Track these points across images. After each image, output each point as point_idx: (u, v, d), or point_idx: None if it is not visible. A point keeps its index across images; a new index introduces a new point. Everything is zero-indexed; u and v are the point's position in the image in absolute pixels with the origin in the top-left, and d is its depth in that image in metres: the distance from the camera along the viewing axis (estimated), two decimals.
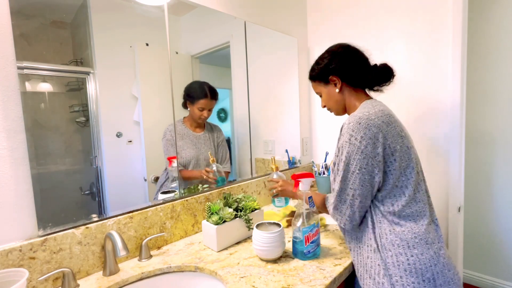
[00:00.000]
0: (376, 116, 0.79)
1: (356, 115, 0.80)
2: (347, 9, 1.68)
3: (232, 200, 1.14)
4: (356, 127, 0.78)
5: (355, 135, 0.78)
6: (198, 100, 1.15)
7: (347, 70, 0.90)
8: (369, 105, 0.85)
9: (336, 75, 0.91)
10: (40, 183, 0.82)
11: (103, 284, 0.84)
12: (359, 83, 0.92)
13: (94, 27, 0.95)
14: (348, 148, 0.79)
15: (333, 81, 0.93)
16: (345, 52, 0.92)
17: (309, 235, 0.92)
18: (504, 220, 1.97)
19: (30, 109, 0.81)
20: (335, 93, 0.94)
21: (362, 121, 0.78)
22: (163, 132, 1.14)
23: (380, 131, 0.77)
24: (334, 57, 0.92)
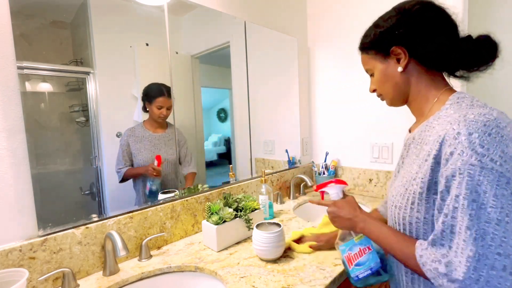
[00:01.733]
0: (505, 123, 0.51)
1: (474, 119, 0.50)
2: (347, 9, 1.68)
3: (232, 200, 1.14)
4: (486, 139, 0.48)
5: (490, 154, 0.47)
6: (155, 98, 1.14)
7: (422, 41, 0.60)
8: (474, 101, 0.57)
9: (403, 45, 0.61)
10: (40, 183, 0.82)
11: (103, 284, 0.84)
12: (437, 63, 0.62)
13: (94, 27, 0.95)
14: (481, 176, 0.46)
15: (396, 55, 0.63)
16: (423, 12, 0.60)
17: (348, 255, 0.71)
18: None
19: (30, 109, 0.81)
20: (395, 72, 0.64)
21: (491, 130, 0.49)
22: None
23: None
24: (404, 18, 0.61)
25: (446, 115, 0.56)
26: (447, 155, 0.50)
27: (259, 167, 1.59)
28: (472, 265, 0.46)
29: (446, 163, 0.51)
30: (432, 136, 0.56)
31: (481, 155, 0.47)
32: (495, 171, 0.46)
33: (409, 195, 0.59)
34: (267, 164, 1.65)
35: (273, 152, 1.69)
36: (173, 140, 1.20)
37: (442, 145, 0.52)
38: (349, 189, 1.74)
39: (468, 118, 0.50)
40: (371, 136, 1.62)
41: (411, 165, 0.62)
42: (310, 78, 1.91)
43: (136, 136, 1.11)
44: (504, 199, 0.46)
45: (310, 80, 1.92)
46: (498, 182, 0.46)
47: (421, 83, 0.64)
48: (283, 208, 1.51)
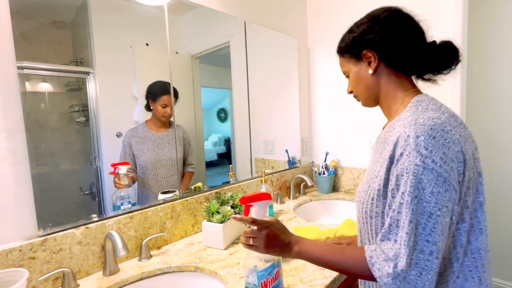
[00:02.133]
0: (451, 126, 0.55)
1: (423, 123, 0.54)
2: (347, 9, 1.68)
3: (226, 199, 1.15)
4: (430, 142, 0.52)
5: (432, 156, 0.52)
6: (160, 96, 1.12)
7: (391, 45, 0.64)
8: (430, 104, 0.60)
9: (373, 49, 0.65)
10: (40, 183, 0.82)
11: (103, 284, 0.84)
12: (405, 66, 0.66)
13: (94, 27, 0.95)
14: (423, 175, 0.52)
15: (367, 58, 0.67)
16: (392, 18, 0.65)
17: (266, 280, 0.66)
18: (504, 220, 1.97)
19: (30, 109, 0.81)
20: (367, 74, 0.68)
21: (436, 134, 0.53)
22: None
23: (460, 151, 0.54)
24: (374, 25, 0.65)
25: (404, 118, 0.60)
26: (398, 155, 0.55)
27: (259, 167, 1.59)
28: (409, 249, 0.52)
29: (397, 163, 0.56)
30: (392, 137, 0.60)
31: (424, 156, 0.52)
32: (435, 171, 0.52)
33: (371, 191, 0.63)
34: (267, 164, 1.65)
35: (273, 152, 1.69)
36: (177, 139, 1.19)
37: (396, 146, 0.57)
38: (349, 189, 1.75)
39: (418, 122, 0.55)
40: (371, 136, 1.62)
41: (375, 163, 0.65)
42: (310, 78, 1.91)
43: (139, 137, 1.10)
44: (439, 195, 0.52)
45: (310, 80, 1.91)
46: (436, 181, 0.52)
47: (389, 85, 0.67)
48: (283, 208, 1.51)
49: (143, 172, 1.11)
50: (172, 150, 1.18)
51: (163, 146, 1.16)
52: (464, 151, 0.54)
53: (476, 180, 0.58)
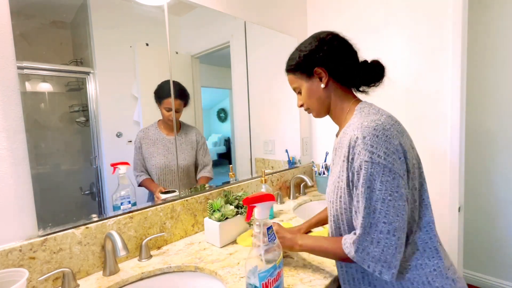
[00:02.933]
0: (389, 125, 0.66)
1: (367, 126, 0.64)
2: (347, 9, 1.68)
3: (233, 198, 1.15)
4: (374, 140, 0.62)
5: (377, 151, 0.62)
6: (164, 99, 1.07)
7: (336, 63, 0.75)
8: (371, 109, 0.71)
9: (323, 66, 0.75)
10: (40, 183, 0.82)
11: (103, 284, 0.84)
12: (347, 80, 0.77)
13: (94, 27, 0.95)
14: (371, 169, 0.62)
15: (317, 74, 0.76)
16: (336, 40, 0.76)
17: (268, 281, 0.67)
18: (504, 220, 1.97)
19: (30, 109, 0.81)
20: (319, 89, 0.77)
21: (379, 133, 0.63)
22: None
23: (399, 143, 0.64)
24: (322, 45, 0.75)
25: (353, 123, 0.70)
26: (352, 155, 0.66)
27: (259, 167, 1.59)
28: (365, 231, 0.64)
29: (352, 161, 0.66)
30: (345, 141, 0.69)
31: (371, 153, 0.62)
32: (381, 164, 0.62)
33: (337, 190, 0.72)
34: (267, 164, 1.65)
35: (273, 152, 1.69)
36: (188, 143, 1.16)
37: (350, 148, 0.67)
38: None
39: (363, 125, 0.65)
40: None
41: (336, 166, 0.74)
42: None
43: (150, 139, 1.06)
44: (387, 183, 0.62)
45: None
46: (383, 172, 0.62)
47: (338, 97, 0.78)
48: (283, 208, 1.51)
49: (152, 176, 1.10)
50: (181, 156, 1.13)
51: (173, 151, 1.10)
52: (402, 143, 0.65)
53: (417, 165, 0.69)
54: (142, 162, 1.06)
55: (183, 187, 1.17)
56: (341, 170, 0.70)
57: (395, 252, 0.62)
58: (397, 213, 0.62)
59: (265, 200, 0.69)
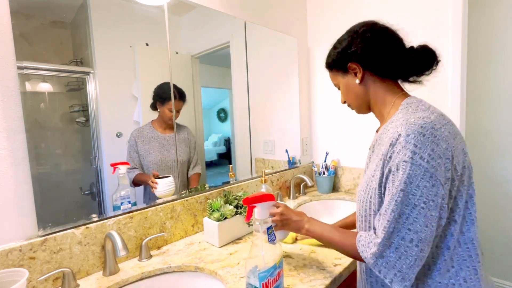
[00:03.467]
0: (440, 124, 0.59)
1: (414, 123, 0.58)
2: (347, 9, 1.68)
3: (232, 198, 1.15)
4: (420, 140, 0.56)
5: (421, 153, 0.56)
6: (168, 101, 1.13)
7: (372, 55, 0.70)
8: (420, 105, 0.65)
9: (356, 61, 0.71)
10: (40, 183, 0.82)
11: (103, 284, 0.84)
12: (388, 72, 0.71)
13: (94, 27, 0.95)
14: (410, 170, 0.56)
15: (352, 70, 0.73)
16: (369, 32, 0.71)
17: (268, 281, 0.66)
18: (504, 220, 1.97)
19: (30, 109, 0.81)
20: (354, 84, 0.74)
21: (426, 132, 0.57)
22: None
23: (448, 146, 0.58)
24: (354, 39, 0.72)
25: (396, 119, 0.64)
26: (390, 153, 0.60)
27: (259, 167, 1.59)
28: (387, 234, 0.58)
29: (389, 160, 0.60)
30: (386, 138, 0.64)
31: (413, 153, 0.56)
32: (422, 167, 0.56)
33: (369, 190, 0.67)
34: (267, 164, 1.65)
35: (273, 152, 1.69)
36: (182, 141, 1.20)
37: (390, 146, 0.61)
38: (349, 189, 1.74)
39: (409, 121, 0.59)
40: (371, 136, 1.62)
41: (372, 164, 0.69)
42: (310, 78, 1.91)
43: (145, 137, 1.10)
44: (425, 189, 0.56)
45: (310, 80, 1.92)
46: (422, 176, 0.56)
47: (378, 91, 0.73)
48: None
49: (148, 172, 1.11)
50: (177, 152, 1.18)
51: (168, 148, 1.16)
52: (453, 147, 0.59)
53: (467, 174, 0.62)
54: (135, 160, 1.08)
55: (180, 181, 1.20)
56: (376, 168, 0.65)
57: (413, 264, 0.57)
58: (426, 223, 0.56)
59: (265, 200, 0.69)
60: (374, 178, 0.65)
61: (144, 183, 1.10)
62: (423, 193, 0.56)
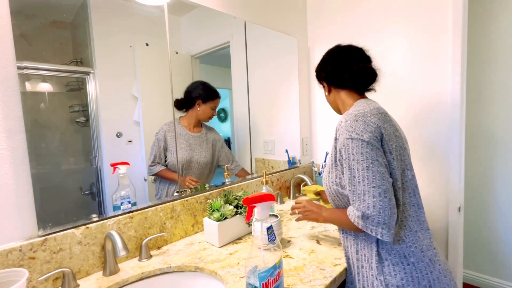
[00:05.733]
0: (371, 114, 0.79)
1: (351, 113, 0.80)
2: (347, 9, 1.68)
3: (232, 198, 1.15)
4: (353, 123, 0.77)
5: (356, 130, 0.75)
6: (213, 99, 1.17)
7: (332, 74, 0.93)
8: (363, 103, 0.85)
9: (323, 80, 0.97)
10: (40, 183, 0.82)
11: (103, 284, 0.84)
12: (348, 85, 0.91)
13: (94, 27, 0.95)
14: (352, 144, 0.75)
15: (323, 86, 1.00)
16: (333, 54, 0.94)
17: (267, 281, 0.67)
18: (504, 220, 1.97)
19: (30, 109, 0.81)
20: (327, 95, 0.99)
21: (358, 118, 0.77)
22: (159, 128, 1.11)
23: (378, 126, 0.76)
24: (322, 63, 0.97)
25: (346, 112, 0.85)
26: (337, 136, 0.82)
27: (259, 167, 1.59)
28: (360, 198, 0.73)
29: (337, 142, 0.82)
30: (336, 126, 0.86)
31: (350, 132, 0.77)
32: (359, 139, 0.75)
33: (329, 169, 0.87)
34: (267, 164, 1.65)
35: (273, 152, 1.69)
36: (208, 142, 1.21)
37: (336, 130, 0.84)
38: None
39: (348, 113, 0.82)
40: None
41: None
42: (310, 78, 1.91)
43: (172, 133, 1.10)
44: (367, 153, 0.73)
45: (310, 80, 1.92)
46: (361, 145, 0.74)
47: (341, 99, 0.94)
48: (283, 208, 1.51)
49: (172, 169, 1.12)
50: (202, 153, 1.20)
51: (194, 147, 1.18)
52: (383, 128, 0.77)
53: (398, 149, 0.80)
54: (161, 155, 1.08)
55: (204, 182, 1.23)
56: (332, 150, 0.85)
57: (391, 213, 0.71)
58: (382, 177, 0.72)
59: (265, 200, 0.69)
60: (331, 157, 0.85)
61: (173, 180, 1.10)
62: (367, 157, 0.73)
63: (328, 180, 0.87)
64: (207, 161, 1.19)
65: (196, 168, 1.17)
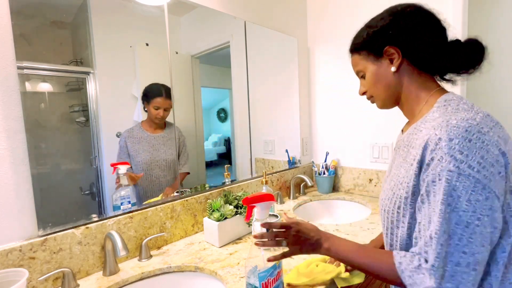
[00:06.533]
0: (488, 127, 0.50)
1: (457, 125, 0.50)
2: (347, 9, 1.68)
3: (232, 198, 1.15)
4: (466, 146, 0.48)
5: (469, 161, 0.48)
6: (152, 99, 1.12)
7: (415, 42, 0.60)
8: (461, 103, 0.56)
9: (396, 46, 0.61)
10: (40, 183, 0.82)
11: (103, 284, 0.84)
12: (429, 65, 0.62)
13: (94, 27, 0.95)
14: (457, 182, 0.48)
15: (389, 55, 0.62)
16: (415, 15, 0.61)
17: (267, 281, 0.65)
18: None
19: (30, 109, 0.81)
20: (388, 73, 0.63)
21: (472, 136, 0.49)
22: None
23: (500, 152, 0.49)
24: (397, 19, 0.61)
25: (432, 119, 0.56)
26: (429, 160, 0.51)
27: (259, 167, 1.59)
28: (441, 260, 0.49)
29: (427, 168, 0.52)
30: (418, 140, 0.56)
31: (459, 161, 0.48)
32: (472, 177, 0.47)
33: (396, 199, 0.59)
34: (267, 164, 1.65)
35: (273, 152, 1.69)
36: (172, 140, 1.19)
37: (425, 150, 0.52)
38: (349, 189, 1.74)
39: (450, 123, 0.51)
40: (371, 136, 1.62)
41: (398, 168, 0.61)
42: (310, 78, 1.91)
43: (135, 137, 1.10)
44: (478, 204, 0.47)
45: (310, 80, 1.92)
46: (474, 188, 0.47)
47: (412, 84, 0.63)
48: (283, 208, 1.51)
49: (138, 173, 1.11)
50: (167, 152, 1.18)
51: (158, 147, 1.16)
52: (505, 152, 0.50)
53: None
54: (128, 160, 1.08)
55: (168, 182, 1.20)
56: (406, 175, 0.57)
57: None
58: (482, 243, 0.48)
59: (265, 200, 0.68)
60: (403, 186, 0.57)
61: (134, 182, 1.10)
62: (476, 209, 0.47)
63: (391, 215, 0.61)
64: (174, 158, 1.19)
65: (164, 166, 1.17)
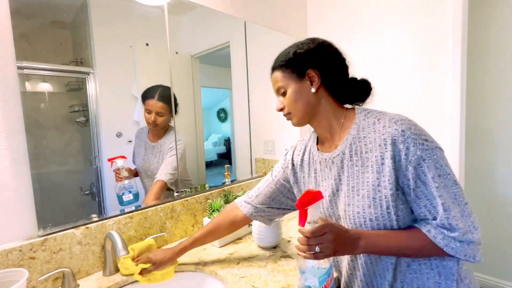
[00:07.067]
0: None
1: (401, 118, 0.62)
2: (347, 9, 1.68)
3: (232, 198, 1.15)
4: (418, 128, 0.61)
5: (428, 138, 0.61)
6: (145, 101, 1.03)
7: (330, 70, 0.70)
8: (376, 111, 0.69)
9: (317, 69, 0.69)
10: (40, 183, 0.82)
11: (103, 284, 0.84)
12: (337, 92, 0.73)
13: (94, 27, 0.95)
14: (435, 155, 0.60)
15: (310, 77, 0.70)
16: (332, 47, 0.73)
17: (327, 283, 0.60)
18: (504, 220, 1.96)
19: (30, 109, 0.81)
20: (309, 92, 0.70)
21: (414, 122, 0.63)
22: None
23: None
24: (319, 48, 0.71)
25: (370, 124, 0.66)
26: (404, 150, 0.60)
27: (259, 167, 1.59)
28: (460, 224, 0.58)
29: (406, 156, 0.60)
30: (372, 143, 0.64)
31: (425, 140, 0.60)
32: (436, 148, 0.60)
33: (381, 202, 0.63)
34: (267, 164, 1.65)
35: (273, 152, 1.69)
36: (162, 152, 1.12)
37: (395, 144, 0.61)
38: None
39: (396, 119, 0.62)
40: None
41: (359, 177, 0.66)
42: None
43: (140, 139, 1.09)
44: (448, 164, 0.61)
45: None
46: (442, 154, 0.61)
47: (330, 104, 0.73)
48: None
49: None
50: (154, 164, 1.10)
51: (149, 157, 1.09)
52: None
53: None
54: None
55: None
56: (380, 175, 0.62)
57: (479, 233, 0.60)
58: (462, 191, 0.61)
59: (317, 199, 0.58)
60: (384, 185, 0.62)
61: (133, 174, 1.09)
62: (450, 169, 0.60)
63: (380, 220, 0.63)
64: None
65: (152, 175, 1.11)
